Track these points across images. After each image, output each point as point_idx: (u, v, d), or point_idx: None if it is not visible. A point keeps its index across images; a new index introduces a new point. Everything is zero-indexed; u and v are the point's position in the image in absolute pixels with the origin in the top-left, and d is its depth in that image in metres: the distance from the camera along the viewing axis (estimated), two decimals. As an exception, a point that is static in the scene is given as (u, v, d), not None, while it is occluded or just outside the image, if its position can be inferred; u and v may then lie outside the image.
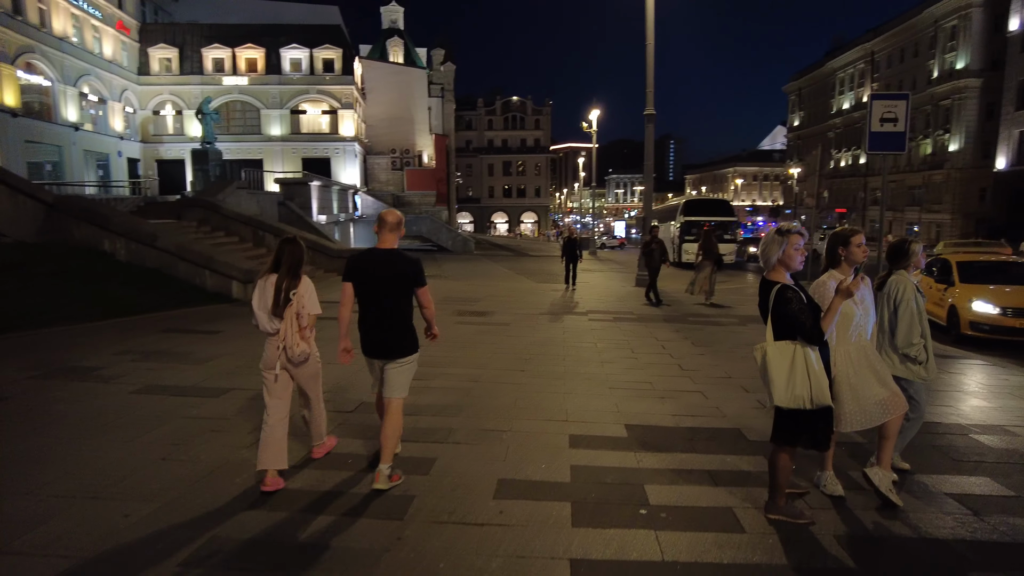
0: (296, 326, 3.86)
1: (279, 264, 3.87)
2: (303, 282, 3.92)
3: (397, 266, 3.84)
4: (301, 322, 3.90)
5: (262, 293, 3.87)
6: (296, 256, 3.90)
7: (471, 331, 9.08)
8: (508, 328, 9.47)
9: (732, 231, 28.07)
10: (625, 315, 11.14)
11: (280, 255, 3.89)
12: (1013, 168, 47.49)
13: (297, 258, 3.90)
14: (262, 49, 41.92)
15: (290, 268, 3.86)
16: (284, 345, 3.82)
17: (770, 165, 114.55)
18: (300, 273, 3.91)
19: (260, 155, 42.41)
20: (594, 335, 9.03)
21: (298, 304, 3.86)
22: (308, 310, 3.95)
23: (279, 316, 3.82)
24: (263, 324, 3.88)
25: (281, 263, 3.87)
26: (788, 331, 3.09)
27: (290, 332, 3.83)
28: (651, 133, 16.06)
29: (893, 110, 8.30)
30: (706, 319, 10.74)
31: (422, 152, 47.67)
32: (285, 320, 3.83)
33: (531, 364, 7.07)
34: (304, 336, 3.92)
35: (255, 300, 3.89)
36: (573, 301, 13.09)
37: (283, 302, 3.81)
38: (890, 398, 3.41)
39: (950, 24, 54.39)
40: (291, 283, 3.84)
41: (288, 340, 3.82)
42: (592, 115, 37.90)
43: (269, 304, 3.82)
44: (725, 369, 6.93)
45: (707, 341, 8.61)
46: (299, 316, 3.89)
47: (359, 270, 3.87)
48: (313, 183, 23.15)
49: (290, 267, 3.86)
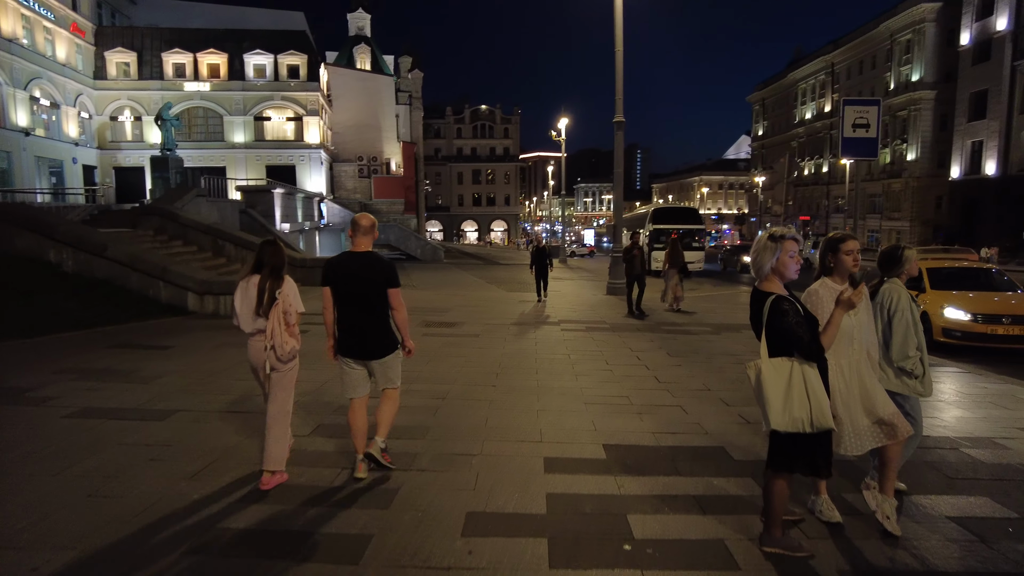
0: (284, 324, 3.93)
1: (261, 265, 3.95)
2: (286, 282, 3.98)
3: (371, 268, 3.92)
4: (288, 319, 3.96)
5: (244, 294, 3.94)
6: (278, 257, 3.97)
7: (439, 343, 8.69)
8: (478, 339, 9.11)
9: (700, 239, 28.23)
10: (598, 325, 10.89)
11: (262, 256, 3.97)
12: (966, 177, 49.15)
13: (279, 259, 3.98)
14: (225, 54, 40.90)
15: (272, 269, 3.93)
16: (273, 344, 3.87)
17: (735, 174, 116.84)
18: (283, 274, 3.99)
19: (223, 162, 41.30)
20: (567, 346, 8.73)
21: (284, 303, 3.92)
22: (295, 308, 4.01)
23: (265, 316, 3.89)
24: (246, 324, 3.95)
25: (263, 264, 3.94)
26: (784, 347, 2.80)
27: (278, 330, 3.89)
28: (620, 140, 15.94)
29: (865, 115, 8.24)
30: (679, 328, 10.56)
31: (390, 160, 47.08)
32: (271, 319, 3.87)
33: (502, 378, 6.72)
34: (292, 333, 4.00)
35: (237, 301, 3.96)
36: (545, 311, 12.81)
37: (268, 302, 3.88)
38: (890, 420, 3.12)
39: (905, 38, 56.24)
40: (275, 283, 3.92)
41: (277, 339, 3.88)
42: (561, 124, 37.95)
43: (253, 304, 3.89)
44: (703, 381, 6.69)
45: (682, 351, 8.39)
46: (286, 314, 3.95)
47: (335, 274, 3.95)
48: (276, 190, 22.48)
49: (272, 268, 3.94)
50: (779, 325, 2.73)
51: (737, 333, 9.94)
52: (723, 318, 11.97)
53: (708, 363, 7.58)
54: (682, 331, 10.19)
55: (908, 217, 56.32)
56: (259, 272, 3.93)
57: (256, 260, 3.98)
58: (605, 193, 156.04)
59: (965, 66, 49.10)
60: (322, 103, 43.36)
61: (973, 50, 48.34)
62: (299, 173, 41.98)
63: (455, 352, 8.08)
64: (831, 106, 69.16)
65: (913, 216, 55.99)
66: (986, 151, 47.31)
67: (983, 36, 47.39)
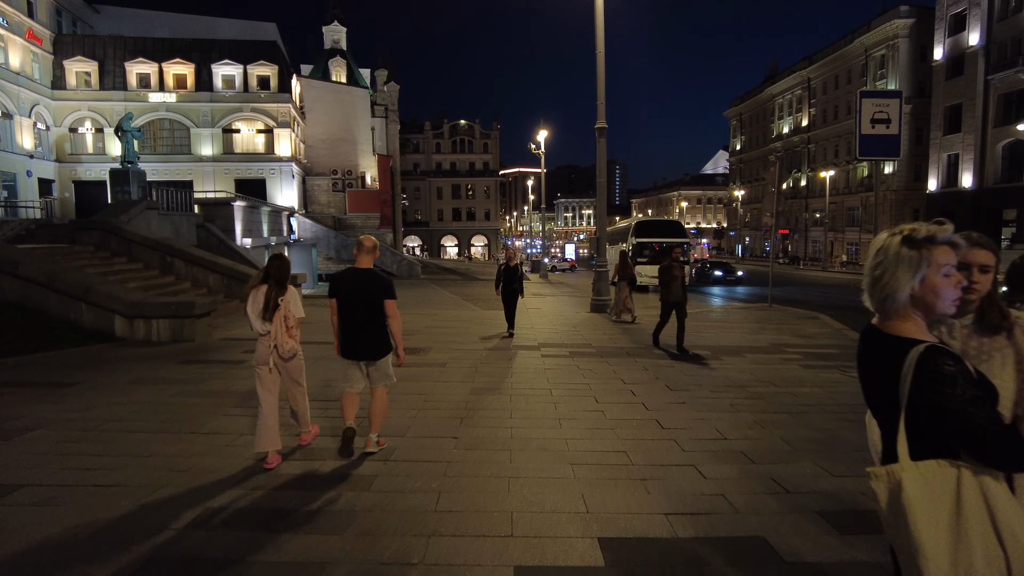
0: (284, 327, 4.52)
1: (268, 276, 4.56)
2: (289, 291, 4.60)
3: (371, 283, 4.51)
4: (288, 323, 4.54)
5: (254, 300, 4.53)
6: (283, 270, 4.59)
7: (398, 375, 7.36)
8: (444, 370, 7.79)
9: (685, 253, 27.26)
10: (582, 349, 9.64)
11: (269, 269, 4.58)
12: (943, 190, 49.32)
13: (283, 271, 4.59)
14: (191, 65, 39.37)
15: (278, 280, 4.55)
16: (275, 344, 4.50)
17: (713, 188, 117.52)
18: (287, 284, 4.60)
19: (190, 176, 39.62)
20: (548, 377, 7.46)
21: (285, 309, 4.52)
22: (294, 314, 4.61)
23: (269, 320, 4.48)
24: (256, 327, 4.55)
25: (270, 275, 4.56)
26: (946, 441, 1.52)
27: (280, 332, 4.50)
28: (603, 148, 14.86)
29: (885, 110, 7.16)
30: (671, 352, 9.35)
31: (365, 173, 45.72)
32: (275, 323, 4.48)
33: (466, 426, 5.41)
34: (292, 335, 4.59)
35: (249, 306, 4.55)
36: (523, 333, 11.53)
37: (272, 307, 4.48)
38: None
39: (879, 53, 56.74)
40: (279, 292, 4.53)
41: (279, 339, 4.50)
42: (540, 136, 37.02)
43: (260, 309, 4.49)
44: (714, 425, 5.45)
45: (682, 383, 7.16)
46: (286, 319, 4.53)
47: (340, 288, 4.55)
48: (236, 203, 20.99)
49: (278, 279, 4.55)
50: (940, 400, 1.45)
51: (738, 357, 8.77)
52: (717, 338, 10.81)
53: (715, 399, 6.36)
54: (678, 356, 8.99)
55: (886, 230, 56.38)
56: (267, 282, 4.54)
57: (264, 272, 4.59)
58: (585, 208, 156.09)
59: (939, 81, 49.47)
60: (294, 115, 41.94)
61: (946, 65, 48.73)
62: (270, 187, 40.40)
63: (414, 388, 6.75)
64: (808, 120, 69.58)
65: (891, 229, 56.07)
66: (962, 164, 47.51)
67: (956, 51, 47.81)
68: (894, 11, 54.42)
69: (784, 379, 7.33)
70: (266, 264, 4.65)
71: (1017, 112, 43.43)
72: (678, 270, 9.84)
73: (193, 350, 9.15)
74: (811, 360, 8.56)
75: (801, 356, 8.97)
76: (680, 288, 9.67)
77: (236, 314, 13.50)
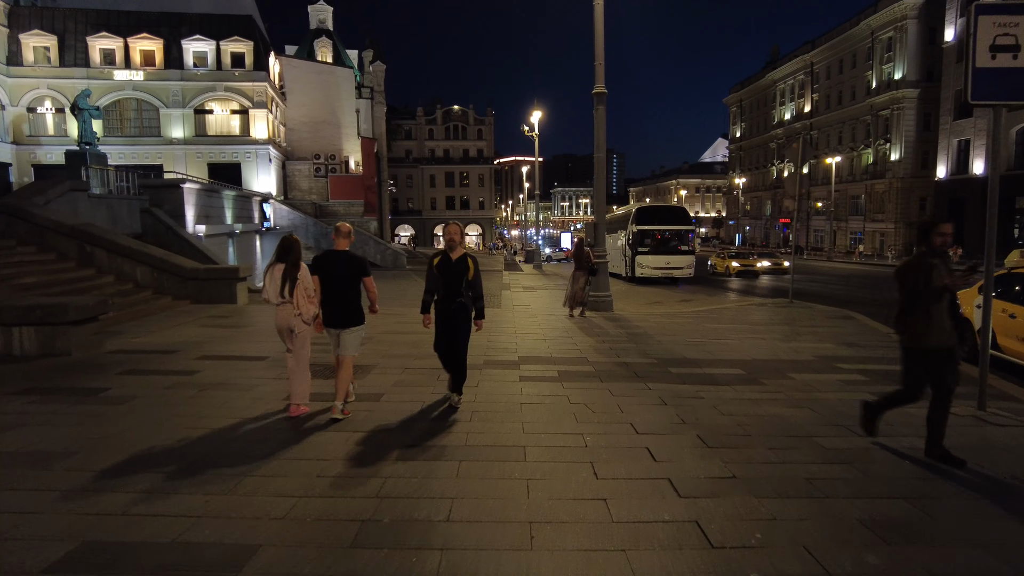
0: (306, 297, 5.24)
1: (285, 257, 5.30)
2: (302, 268, 5.33)
3: (348, 263, 5.25)
4: (308, 293, 5.25)
5: (271, 277, 5.28)
6: (296, 252, 5.34)
7: (295, 422, 5.14)
8: (373, 411, 5.46)
9: (690, 241, 25.04)
10: (575, 366, 7.41)
11: (285, 251, 5.32)
12: (953, 177, 47.23)
13: (296, 254, 5.34)
14: (160, 40, 36.73)
15: (293, 261, 5.30)
16: (299, 312, 5.22)
17: (712, 177, 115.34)
18: (299, 263, 5.33)
19: (159, 159, 37.11)
20: (524, 419, 5.24)
21: (304, 282, 5.25)
22: (312, 286, 5.28)
23: (290, 294, 5.24)
24: (272, 299, 5.30)
25: (287, 257, 5.30)
26: None
27: (302, 301, 5.22)
28: (602, 116, 12.59)
29: (1013, 32, 4.94)
30: (693, 372, 7.13)
31: (349, 157, 43.23)
32: (296, 295, 5.22)
33: (361, 548, 3.19)
34: (313, 302, 5.27)
35: (266, 281, 5.31)
36: (501, 341, 9.29)
37: (291, 284, 5.23)
38: None
39: (886, 35, 54.38)
40: (295, 271, 5.27)
41: (302, 307, 5.22)
42: (534, 117, 34.52)
43: (278, 286, 5.24)
44: (802, 537, 3.24)
45: (720, 431, 4.92)
46: (307, 290, 5.25)
47: (322, 267, 5.25)
48: (186, 185, 18.60)
49: (293, 261, 5.30)
50: None
51: (783, 379, 6.58)
52: (746, 348, 8.60)
53: (782, 470, 4.14)
54: (700, 377, 6.78)
55: (892, 219, 54.39)
56: (283, 262, 5.28)
57: (278, 252, 5.32)
58: (582, 197, 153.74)
59: (950, 63, 47.21)
60: (271, 95, 39.37)
61: (958, 46, 46.44)
62: (245, 171, 37.92)
63: (311, 448, 4.51)
64: (811, 106, 67.24)
65: (897, 218, 54.07)
66: (973, 150, 45.40)
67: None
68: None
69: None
70: (280, 244, 5.33)
71: (1033, 95, 41.31)
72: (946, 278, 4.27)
73: (59, 369, 6.89)
74: (882, 384, 6.37)
75: (865, 377, 6.79)
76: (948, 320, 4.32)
77: (165, 314, 11.23)
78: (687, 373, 6.96)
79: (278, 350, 7.85)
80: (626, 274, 25.16)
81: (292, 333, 5.28)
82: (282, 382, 6.15)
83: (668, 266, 24.17)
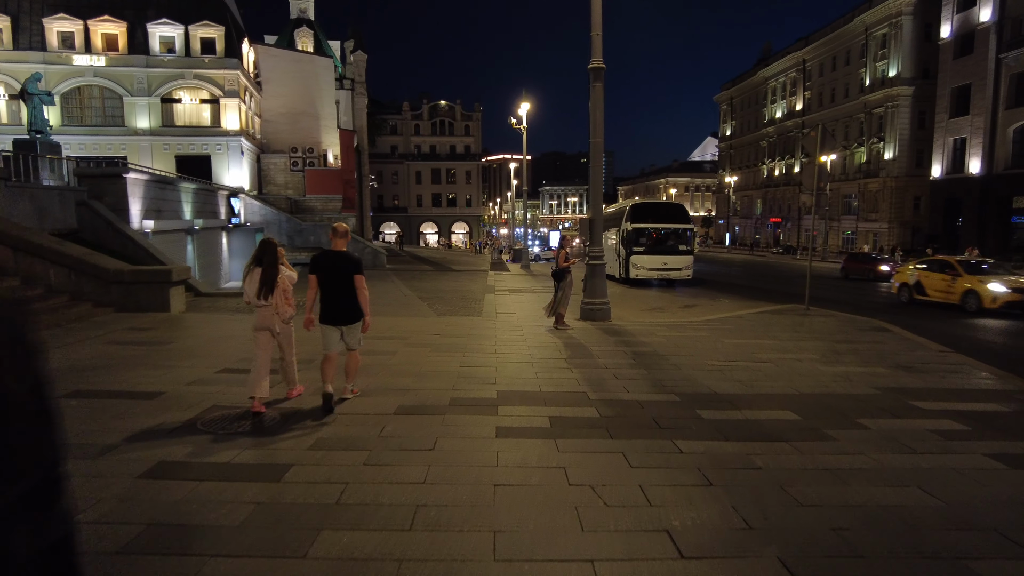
0: (284, 298, 5.45)
1: (261, 260, 5.44)
2: (281, 270, 5.49)
3: (345, 262, 5.40)
4: (287, 295, 5.48)
5: (251, 279, 5.41)
6: (273, 254, 5.46)
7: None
8: (281, 497, 3.72)
9: (689, 240, 23.36)
10: (573, 410, 5.56)
11: (261, 255, 5.46)
12: (948, 176, 46.15)
13: (273, 255, 5.46)
14: (124, 23, 34.44)
15: (271, 263, 5.43)
16: (277, 311, 5.43)
17: (701, 175, 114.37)
18: (279, 265, 5.49)
19: (124, 151, 34.82)
20: (499, 520, 3.42)
21: (283, 284, 5.45)
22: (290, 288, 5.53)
23: (271, 294, 5.38)
24: (253, 300, 5.40)
25: (263, 260, 5.44)
26: None
27: (281, 302, 5.44)
28: (600, 94, 10.84)
29: None
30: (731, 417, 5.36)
31: (327, 151, 41.14)
32: (276, 297, 5.40)
33: None
34: (290, 303, 5.52)
35: (247, 283, 5.46)
36: (478, 363, 7.48)
37: (271, 286, 5.38)
38: None
39: (881, 32, 53.27)
40: (274, 272, 5.41)
41: (280, 308, 5.43)
42: (522, 109, 32.71)
43: (258, 288, 5.35)
44: None
45: (800, 530, 3.14)
46: (285, 291, 5.47)
47: (320, 266, 5.40)
48: (131, 175, 16.55)
49: (271, 263, 5.43)
50: None
51: (854, 430, 4.87)
52: (782, 375, 6.83)
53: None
54: (743, 426, 5.02)
55: (886, 218, 53.32)
56: (260, 265, 5.41)
57: (256, 255, 5.47)
58: (570, 196, 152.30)
59: (946, 60, 46.10)
60: (244, 84, 37.20)
61: (954, 43, 45.38)
62: (215, 164, 35.76)
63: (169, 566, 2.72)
64: (803, 104, 66.09)
65: (891, 217, 53.01)
66: (970, 149, 44.26)
67: (965, 28, 44.43)
68: (899, -15, 50.95)
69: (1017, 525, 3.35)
70: (258, 248, 5.53)
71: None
72: None
73: None
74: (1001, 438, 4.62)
75: (965, 426, 5.08)
76: None
77: (75, 326, 9.29)
78: (724, 420, 5.18)
79: (185, 380, 6.03)
80: (620, 275, 23.45)
81: (276, 334, 5.50)
82: (157, 442, 4.33)
83: (665, 267, 22.49)
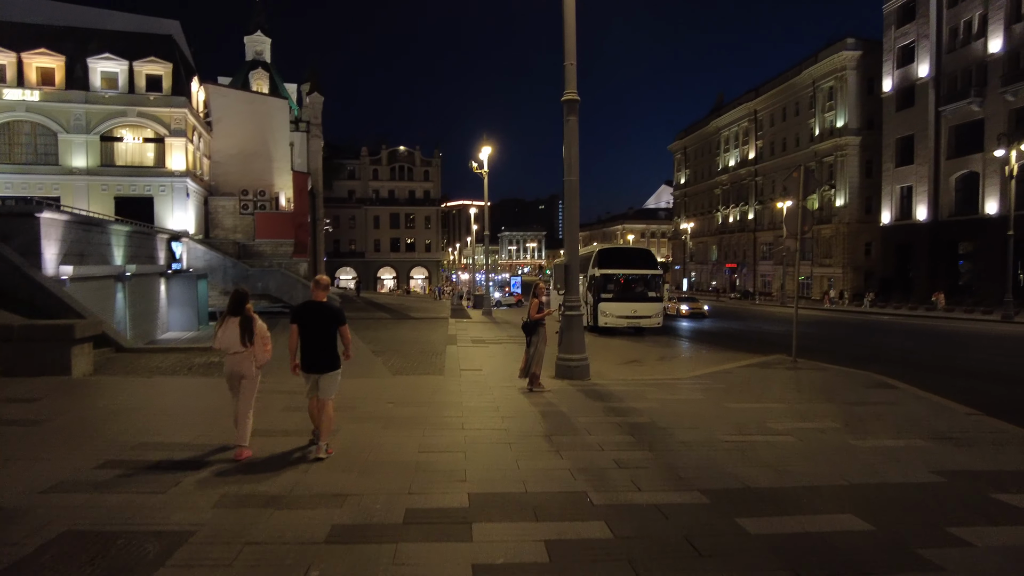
0: (262, 345, 5.62)
1: (237, 310, 5.59)
2: (255, 320, 5.62)
3: (326, 313, 5.61)
4: (265, 343, 5.66)
5: (227, 329, 5.54)
6: (247, 304, 5.64)
7: None
8: None
9: (659, 287, 22.50)
10: (572, 520, 4.09)
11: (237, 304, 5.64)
12: (897, 223, 47.49)
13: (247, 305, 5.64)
14: (62, 56, 32.52)
15: (246, 313, 5.56)
16: (255, 357, 5.59)
17: (656, 222, 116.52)
18: (251, 315, 5.61)
19: (56, 191, 32.31)
20: None
21: (260, 333, 5.61)
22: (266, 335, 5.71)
23: (249, 342, 5.54)
24: (228, 348, 5.54)
25: (240, 310, 5.59)
26: None
27: (259, 349, 5.61)
28: (574, 128, 9.83)
29: None
30: (787, 530, 4.02)
31: (280, 194, 39.44)
32: (255, 345, 5.56)
33: None
34: (267, 351, 5.70)
35: (221, 332, 5.58)
36: (441, 446, 5.99)
37: (252, 333, 5.54)
38: None
39: (827, 85, 55.57)
40: (251, 323, 5.56)
41: (258, 354, 5.61)
42: (483, 153, 31.98)
43: (238, 336, 5.50)
44: None
45: None
46: (263, 339, 5.64)
47: (302, 316, 5.60)
48: (44, 215, 14.62)
49: (246, 313, 5.57)
50: None
51: (958, 547, 3.62)
52: (831, 459, 5.57)
53: None
54: (809, 547, 3.71)
55: (840, 263, 54.48)
56: (237, 315, 5.55)
57: (231, 306, 5.63)
58: (529, 241, 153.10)
59: (889, 112, 48.17)
60: (192, 123, 35.47)
61: (896, 96, 47.56)
62: (158, 206, 33.57)
63: None
64: (755, 152, 68.06)
65: (845, 262, 54.20)
66: (916, 196, 45.76)
67: (905, 83, 46.63)
68: (841, 43, 53.52)
69: None
70: (232, 297, 5.70)
71: (969, 144, 41.98)
72: None
73: None
74: None
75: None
76: None
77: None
78: (778, 535, 3.79)
79: (44, 483, 4.40)
80: (588, 323, 22.29)
81: (242, 379, 5.53)
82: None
83: (635, 315, 21.48)
